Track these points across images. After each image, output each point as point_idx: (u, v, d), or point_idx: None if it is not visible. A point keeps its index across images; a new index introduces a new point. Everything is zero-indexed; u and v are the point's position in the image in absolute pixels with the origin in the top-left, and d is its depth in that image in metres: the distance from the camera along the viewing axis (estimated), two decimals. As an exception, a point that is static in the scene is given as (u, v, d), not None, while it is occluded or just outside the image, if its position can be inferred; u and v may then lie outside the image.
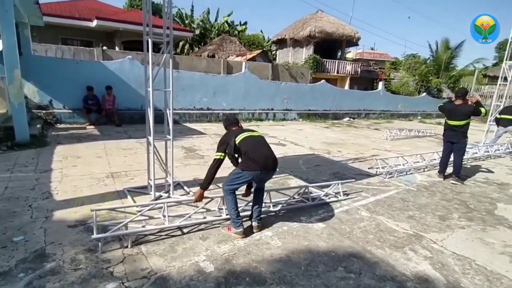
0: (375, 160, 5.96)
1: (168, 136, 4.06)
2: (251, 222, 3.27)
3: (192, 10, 27.70)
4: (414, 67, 24.62)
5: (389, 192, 4.75)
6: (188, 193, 4.21)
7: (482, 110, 5.25)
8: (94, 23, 14.94)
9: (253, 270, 2.57)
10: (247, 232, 3.16)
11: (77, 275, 2.35)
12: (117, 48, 15.40)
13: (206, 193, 3.30)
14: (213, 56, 19.37)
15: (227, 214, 3.31)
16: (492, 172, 6.42)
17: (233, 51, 20.73)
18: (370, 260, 2.81)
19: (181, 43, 23.07)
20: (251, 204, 3.38)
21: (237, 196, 3.16)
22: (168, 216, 3.18)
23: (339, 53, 22.35)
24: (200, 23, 26.92)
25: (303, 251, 2.90)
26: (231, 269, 2.56)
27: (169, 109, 3.95)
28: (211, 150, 4.57)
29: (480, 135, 9.75)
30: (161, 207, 3.36)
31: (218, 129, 9.98)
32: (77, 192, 4.00)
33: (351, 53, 31.31)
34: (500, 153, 8.16)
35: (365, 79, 22.59)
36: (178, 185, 4.43)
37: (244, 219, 3.30)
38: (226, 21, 28.40)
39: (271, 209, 3.73)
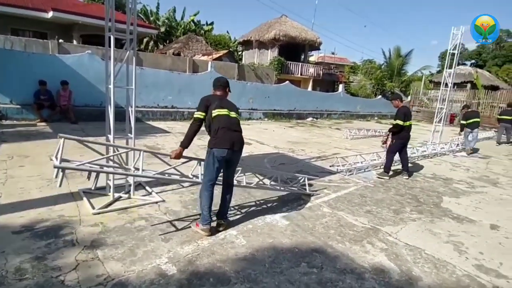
0: (336, 158, 6.21)
1: (129, 134, 3.89)
2: (217, 220, 3.27)
3: (157, 8, 26.88)
4: (371, 71, 26.04)
5: (349, 189, 4.97)
6: (150, 193, 4.07)
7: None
8: (49, 14, 13.86)
9: (217, 270, 2.55)
10: (213, 231, 3.15)
11: (22, 286, 2.16)
12: (75, 42, 14.42)
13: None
14: (178, 54, 18.90)
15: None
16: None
17: (199, 50, 20.41)
18: (331, 254, 2.92)
19: (145, 40, 22.27)
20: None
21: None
22: (143, 170, 3.16)
23: (303, 56, 22.98)
24: (166, 20, 26.23)
25: (268, 249, 2.94)
26: (195, 270, 2.51)
27: (131, 107, 3.79)
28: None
29: (428, 135, 10.55)
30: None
31: (183, 128, 9.75)
32: (23, 194, 3.68)
33: (314, 56, 32.34)
34: (445, 151, 8.91)
35: (327, 81, 23.46)
36: (139, 185, 4.27)
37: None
38: (193, 20, 27.92)
39: (244, 183, 3.83)
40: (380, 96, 22.44)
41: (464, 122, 9.46)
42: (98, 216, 3.28)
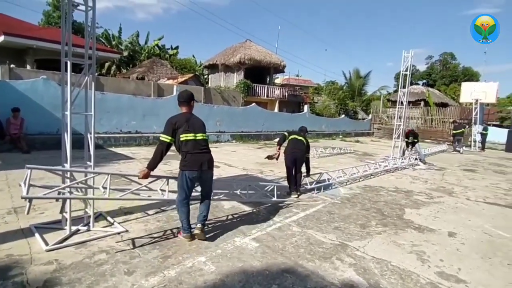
0: (303, 177, 6.30)
1: (88, 162, 3.70)
2: (194, 231, 3.49)
3: (120, 32, 26.65)
4: (334, 92, 27.36)
5: (317, 206, 5.04)
6: (112, 223, 3.85)
7: None
8: (0, 39, 13.18)
9: (185, 299, 2.43)
10: (194, 237, 3.46)
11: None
12: (28, 67, 13.74)
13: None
14: (142, 79, 18.67)
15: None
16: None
17: (164, 74, 20.33)
18: (302, 273, 2.91)
19: (107, 64, 21.78)
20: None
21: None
22: (110, 188, 3.21)
23: (268, 79, 23.71)
24: (129, 45, 26.01)
25: (238, 273, 2.86)
26: (161, 302, 2.38)
27: (91, 133, 3.64)
28: (123, 179, 4.28)
29: (389, 150, 11.14)
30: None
31: (148, 153, 9.47)
32: (-34, 234, 3.32)
33: (279, 79, 33.43)
34: (405, 165, 9.43)
35: (292, 102, 24.22)
36: (100, 216, 4.02)
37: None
38: (157, 45, 27.96)
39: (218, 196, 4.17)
40: (343, 115, 23.53)
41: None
42: (52, 253, 3.03)
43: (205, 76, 27.46)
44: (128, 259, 3.01)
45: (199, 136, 3.39)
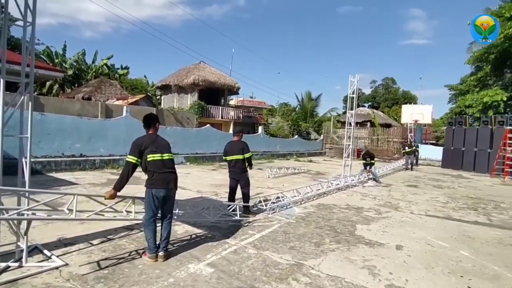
0: (258, 198, 6.31)
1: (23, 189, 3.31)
2: (158, 252, 3.48)
3: (64, 49, 25.11)
4: (287, 113, 28.44)
5: (273, 227, 5.04)
6: (50, 257, 3.43)
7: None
8: None
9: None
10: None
11: None
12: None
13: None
14: (89, 99, 17.67)
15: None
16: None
17: (113, 95, 19.46)
18: (259, 297, 2.83)
19: (48, 83, 20.26)
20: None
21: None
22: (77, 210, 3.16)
23: (223, 100, 23.89)
24: (74, 63, 24.58)
25: (192, 303, 2.70)
26: None
27: (26, 158, 3.28)
28: (84, 203, 3.92)
29: (340, 169, 11.72)
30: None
31: (94, 178, 8.80)
32: None
33: (233, 100, 33.92)
34: (355, 183, 9.95)
35: (247, 123, 24.55)
36: (35, 249, 3.58)
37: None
38: (106, 64, 26.82)
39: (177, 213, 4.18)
40: (296, 136, 24.37)
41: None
42: (-29, 297, 2.60)
43: (158, 97, 26.85)
44: (67, 297, 2.68)
45: (166, 156, 3.55)
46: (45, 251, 3.56)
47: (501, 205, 7.82)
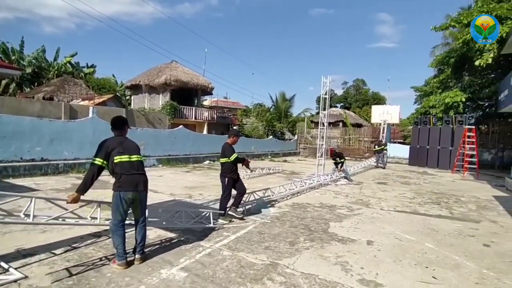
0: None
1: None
2: (134, 255, 3.41)
3: (22, 46, 23.53)
4: (262, 114, 28.55)
5: (248, 228, 5.01)
6: (7, 269, 3.16)
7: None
8: None
9: None
10: (130, 264, 3.32)
11: None
12: None
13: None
14: (51, 99, 16.71)
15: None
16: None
17: (78, 94, 18.55)
18: (234, 300, 2.78)
19: (4, 82, 18.91)
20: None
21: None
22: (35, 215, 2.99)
23: (196, 101, 23.53)
24: (33, 60, 23.11)
25: (163, 310, 2.59)
26: None
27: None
28: (46, 209, 3.66)
29: (314, 168, 11.91)
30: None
31: (57, 183, 8.31)
32: None
33: (207, 101, 33.55)
34: (328, 181, 10.17)
35: (221, 124, 24.40)
36: (-12, 263, 3.28)
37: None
38: (69, 62, 25.48)
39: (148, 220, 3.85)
40: (271, 136, 24.53)
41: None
42: None
43: (127, 97, 25.93)
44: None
45: (134, 157, 3.41)
46: (2, 264, 3.27)
47: (461, 199, 8.32)
